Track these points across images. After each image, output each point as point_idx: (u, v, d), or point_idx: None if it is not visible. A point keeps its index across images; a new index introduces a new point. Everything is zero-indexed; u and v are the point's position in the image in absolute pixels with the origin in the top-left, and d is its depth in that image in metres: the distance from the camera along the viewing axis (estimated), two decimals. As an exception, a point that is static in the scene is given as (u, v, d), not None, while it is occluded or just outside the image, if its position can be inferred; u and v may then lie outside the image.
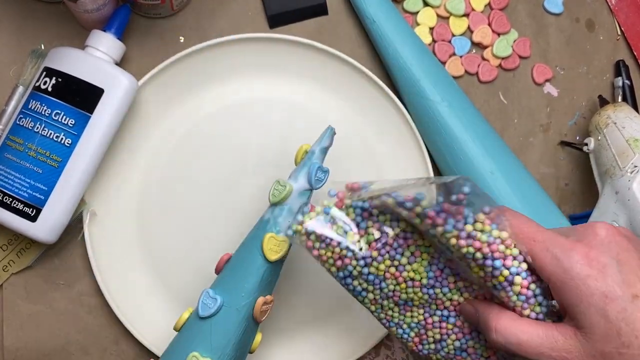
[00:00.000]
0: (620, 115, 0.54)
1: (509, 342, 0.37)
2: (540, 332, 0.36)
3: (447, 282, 0.41)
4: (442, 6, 0.59)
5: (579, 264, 0.34)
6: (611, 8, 0.61)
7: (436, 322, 0.42)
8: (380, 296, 0.42)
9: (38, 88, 0.49)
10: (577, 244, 0.35)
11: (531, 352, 0.36)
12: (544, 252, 0.36)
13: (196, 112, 0.55)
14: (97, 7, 0.49)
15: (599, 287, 0.34)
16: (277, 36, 0.54)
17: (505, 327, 0.37)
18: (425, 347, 0.43)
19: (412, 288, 0.41)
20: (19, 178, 0.48)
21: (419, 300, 0.41)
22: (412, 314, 0.42)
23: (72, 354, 0.54)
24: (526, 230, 0.37)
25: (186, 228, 0.55)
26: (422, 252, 0.40)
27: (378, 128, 0.56)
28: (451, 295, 0.41)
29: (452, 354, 0.43)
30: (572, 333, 0.35)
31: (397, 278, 0.41)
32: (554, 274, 0.35)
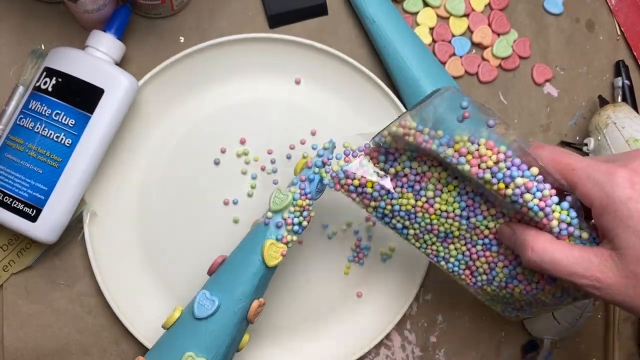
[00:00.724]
0: (620, 116, 0.54)
1: (544, 261, 0.38)
2: (576, 253, 0.37)
3: (480, 210, 0.42)
4: (442, 6, 0.59)
5: (620, 187, 0.35)
6: (611, 8, 0.61)
7: (480, 252, 0.44)
8: (420, 231, 0.44)
9: (38, 88, 0.49)
10: (620, 168, 0.36)
11: (565, 272, 0.37)
12: (585, 179, 0.37)
13: (196, 112, 0.55)
14: (97, 7, 0.49)
15: (639, 209, 0.35)
16: (277, 36, 0.54)
17: (542, 247, 0.38)
18: (479, 279, 0.45)
19: (446, 219, 0.43)
20: (19, 178, 0.48)
21: (457, 231, 0.43)
22: (455, 245, 0.44)
23: (72, 354, 0.54)
24: (564, 160, 0.38)
25: (186, 228, 0.55)
26: (448, 183, 0.42)
27: (378, 128, 0.56)
28: (487, 222, 0.42)
29: (504, 282, 0.44)
30: (607, 255, 0.36)
31: (428, 210, 0.43)
32: (596, 198, 0.36)
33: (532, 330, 0.57)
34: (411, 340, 0.57)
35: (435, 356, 0.58)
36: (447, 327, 0.57)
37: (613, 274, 0.36)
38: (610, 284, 0.36)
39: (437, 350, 0.57)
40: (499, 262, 0.44)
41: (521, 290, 0.44)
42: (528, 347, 0.58)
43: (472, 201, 0.42)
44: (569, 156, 0.38)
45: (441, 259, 0.46)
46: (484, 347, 0.58)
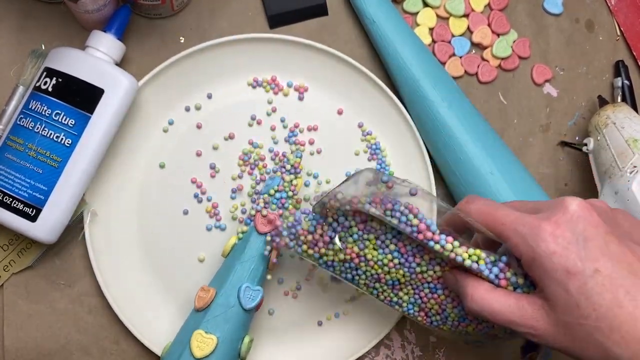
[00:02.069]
0: (619, 116, 0.54)
1: (483, 310, 0.40)
2: (512, 302, 0.39)
3: (414, 258, 0.44)
4: (441, 7, 0.59)
5: (545, 242, 0.37)
6: (611, 8, 0.61)
7: (428, 295, 0.46)
8: (368, 280, 0.46)
9: (38, 88, 0.49)
10: (544, 222, 0.37)
11: (503, 320, 0.39)
12: (513, 233, 0.38)
13: (196, 112, 0.55)
14: (97, 8, 0.49)
15: (562, 262, 0.36)
16: (277, 36, 0.54)
17: (480, 297, 0.40)
18: (434, 320, 0.47)
19: (387, 268, 0.45)
20: (19, 178, 0.48)
21: (402, 278, 0.45)
22: (404, 291, 0.46)
23: (72, 353, 0.54)
24: (492, 214, 0.40)
25: (186, 228, 0.55)
26: (379, 236, 0.44)
27: (378, 128, 0.56)
28: (425, 269, 0.44)
29: (456, 321, 0.46)
30: (539, 304, 0.38)
31: (369, 263, 0.45)
32: (523, 252, 0.38)
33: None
34: (411, 340, 0.57)
35: (435, 356, 0.58)
36: (446, 327, 0.58)
37: (546, 322, 0.37)
38: (544, 331, 0.38)
39: (437, 350, 0.57)
40: (448, 304, 0.46)
41: (474, 328, 0.46)
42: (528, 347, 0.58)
43: (405, 250, 0.44)
44: (497, 210, 0.40)
45: (395, 304, 0.48)
46: (483, 347, 0.58)
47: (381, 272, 0.45)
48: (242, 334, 0.49)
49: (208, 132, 0.55)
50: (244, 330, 0.50)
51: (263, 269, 0.50)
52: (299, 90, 0.56)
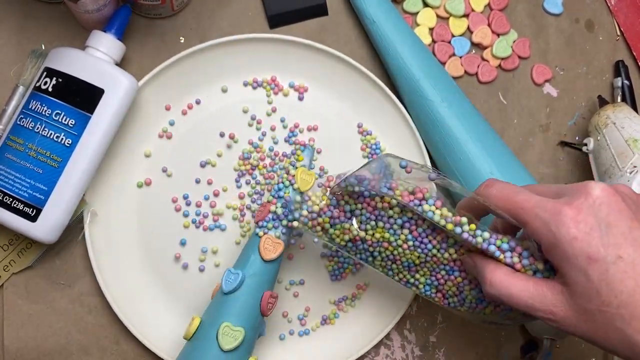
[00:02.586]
0: (619, 116, 0.54)
1: (502, 295, 0.39)
2: (531, 287, 0.38)
3: (429, 240, 0.44)
4: (441, 7, 0.59)
5: (566, 227, 0.36)
6: (610, 8, 0.61)
7: (445, 277, 0.46)
8: (384, 261, 0.47)
9: (38, 88, 0.49)
10: (566, 207, 0.36)
11: (521, 305, 0.39)
12: (533, 218, 0.38)
13: (196, 112, 0.55)
14: (97, 8, 0.49)
15: (584, 248, 0.35)
16: (277, 36, 0.54)
17: (499, 281, 0.40)
18: (451, 301, 0.47)
19: (402, 249, 0.45)
20: (19, 178, 0.48)
21: (417, 259, 0.45)
22: (420, 273, 0.46)
23: (72, 353, 0.54)
24: (512, 198, 0.39)
25: (186, 228, 0.55)
26: (395, 221, 0.45)
27: (378, 128, 0.56)
28: (440, 251, 0.44)
29: (474, 303, 0.46)
30: (559, 289, 0.37)
31: (383, 244, 0.45)
32: (544, 237, 0.37)
33: (532, 330, 0.57)
34: (411, 340, 0.57)
35: (435, 356, 0.58)
36: (447, 327, 0.58)
37: (565, 308, 0.37)
38: (564, 317, 0.37)
39: (437, 350, 0.58)
40: (466, 286, 0.46)
41: (491, 311, 0.46)
42: (528, 347, 0.58)
43: (418, 233, 0.44)
44: (517, 194, 0.39)
45: (411, 285, 0.48)
46: (483, 347, 0.58)
47: (396, 254, 0.45)
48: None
49: (208, 132, 0.55)
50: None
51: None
52: (299, 90, 0.56)
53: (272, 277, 0.50)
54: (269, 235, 0.49)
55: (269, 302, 0.49)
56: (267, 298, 0.48)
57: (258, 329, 0.50)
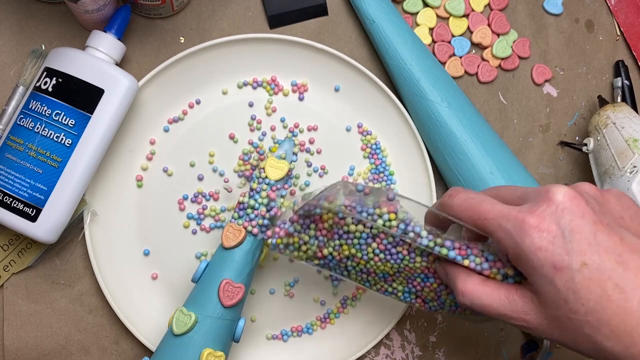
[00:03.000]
0: (619, 116, 0.54)
1: (474, 304, 0.39)
2: (502, 295, 0.38)
3: (397, 252, 0.44)
4: (441, 7, 0.59)
5: (530, 237, 0.36)
6: (610, 8, 0.61)
7: (421, 284, 0.46)
8: (358, 274, 0.47)
9: (38, 88, 0.49)
10: (528, 216, 0.36)
11: (494, 314, 0.39)
12: (497, 228, 0.37)
13: (196, 112, 0.55)
14: (97, 8, 0.49)
15: (549, 258, 0.35)
16: (277, 36, 0.54)
17: (470, 291, 0.39)
18: (431, 305, 0.47)
19: (373, 262, 0.45)
20: (19, 178, 0.48)
21: (391, 270, 0.45)
22: (397, 282, 0.47)
23: (72, 353, 0.54)
24: (477, 209, 0.39)
25: (186, 228, 0.55)
26: (360, 235, 0.45)
27: (378, 128, 0.56)
28: (409, 261, 0.44)
29: (453, 306, 0.46)
30: (529, 297, 0.37)
31: (354, 259, 0.46)
32: (509, 247, 0.37)
33: (532, 330, 0.57)
34: (411, 339, 0.57)
35: (435, 356, 0.58)
36: (446, 327, 0.58)
37: (537, 316, 0.37)
38: (536, 325, 0.37)
39: (437, 350, 0.58)
40: (442, 291, 0.46)
41: (472, 312, 0.46)
42: (528, 347, 0.58)
43: (384, 246, 0.44)
44: (480, 204, 0.39)
45: (390, 294, 0.48)
46: (483, 346, 0.58)
47: (369, 267, 0.46)
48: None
49: (208, 133, 0.55)
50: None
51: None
52: (299, 90, 0.56)
53: (236, 266, 0.49)
54: (232, 223, 0.49)
55: (226, 289, 0.48)
56: (223, 285, 0.48)
57: (224, 320, 0.48)
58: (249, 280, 0.50)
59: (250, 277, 0.50)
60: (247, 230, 0.49)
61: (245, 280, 0.49)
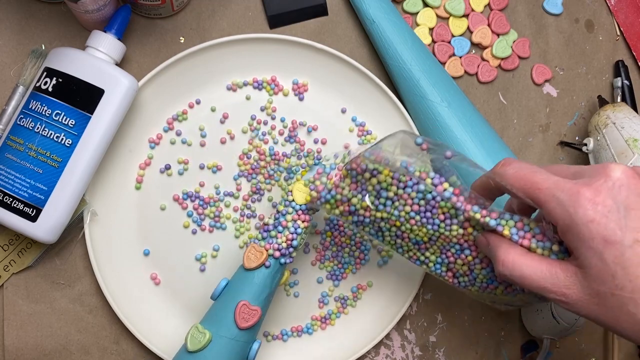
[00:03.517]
0: (619, 116, 0.54)
1: (514, 275, 0.39)
2: (544, 267, 0.38)
3: (432, 216, 0.44)
4: (441, 7, 0.59)
5: (583, 209, 0.35)
6: (610, 8, 0.61)
7: (455, 255, 0.45)
8: (391, 237, 0.46)
9: (38, 88, 0.49)
10: (584, 188, 0.36)
11: (534, 286, 0.38)
12: (550, 199, 0.37)
13: (196, 112, 0.55)
14: (97, 8, 0.49)
15: (600, 231, 0.35)
16: (277, 36, 0.54)
17: (512, 261, 0.39)
18: (461, 281, 0.47)
19: (408, 225, 0.44)
20: (19, 178, 0.48)
21: (425, 236, 0.45)
22: (430, 251, 0.46)
23: (72, 353, 0.54)
24: (530, 178, 0.38)
25: (186, 228, 0.55)
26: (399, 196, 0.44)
27: (378, 128, 0.56)
28: (445, 228, 0.44)
29: (485, 283, 0.45)
30: (573, 271, 0.37)
31: (388, 220, 0.45)
32: (560, 218, 0.36)
33: (532, 330, 0.57)
34: (411, 339, 0.57)
35: (435, 356, 0.58)
36: (446, 327, 0.58)
37: (578, 290, 0.37)
38: (576, 299, 0.37)
39: (437, 349, 0.58)
40: (477, 265, 0.45)
41: (502, 291, 0.45)
42: (528, 347, 0.58)
43: (419, 208, 0.44)
44: (534, 174, 0.38)
45: (421, 263, 0.47)
46: (483, 346, 0.58)
47: (404, 230, 0.45)
48: None
49: (208, 133, 0.55)
50: None
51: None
52: (299, 90, 0.56)
53: (254, 288, 0.48)
54: (255, 244, 0.49)
55: (243, 311, 0.47)
56: (240, 307, 0.47)
57: (238, 342, 0.47)
58: (267, 304, 0.49)
59: (268, 300, 0.49)
60: (269, 253, 0.48)
61: (262, 303, 0.48)
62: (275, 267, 0.49)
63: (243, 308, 0.47)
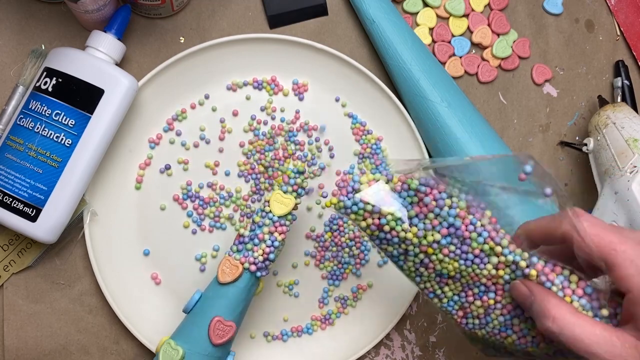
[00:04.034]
0: (619, 116, 0.54)
1: (563, 334, 0.35)
2: (598, 332, 0.35)
3: (468, 252, 0.41)
4: (441, 7, 0.59)
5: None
6: (610, 8, 0.61)
7: (476, 296, 0.42)
8: (415, 263, 0.43)
9: (38, 88, 0.49)
10: None
11: (584, 350, 0.35)
12: (627, 263, 0.34)
13: (196, 112, 0.55)
14: (97, 8, 0.49)
15: None
16: (277, 36, 0.54)
17: (563, 318, 0.36)
18: (470, 322, 0.44)
19: (440, 255, 0.41)
20: (19, 178, 0.48)
21: (452, 271, 0.42)
22: (450, 287, 0.43)
23: (72, 353, 0.54)
24: (605, 237, 0.35)
25: (186, 228, 0.55)
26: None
27: (378, 128, 0.56)
28: (482, 268, 0.41)
29: (497, 329, 0.43)
30: (632, 343, 0.34)
31: (422, 242, 0.41)
32: (635, 287, 0.34)
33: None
34: (411, 339, 0.57)
35: (435, 356, 0.58)
36: (446, 327, 0.58)
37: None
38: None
39: (437, 349, 0.58)
40: (496, 310, 0.42)
41: (514, 341, 0.42)
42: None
43: (461, 244, 0.41)
44: (611, 233, 0.35)
45: (434, 296, 0.44)
46: None
47: (434, 259, 0.42)
48: None
49: (208, 132, 0.55)
50: None
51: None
52: (299, 90, 0.56)
53: (229, 303, 0.47)
54: (230, 257, 0.47)
55: (217, 327, 0.46)
56: (214, 323, 0.46)
57: (212, 357, 0.47)
58: (241, 318, 0.48)
59: (242, 314, 0.48)
60: (245, 267, 0.47)
61: (237, 318, 0.47)
62: (251, 281, 0.48)
63: (217, 324, 0.46)
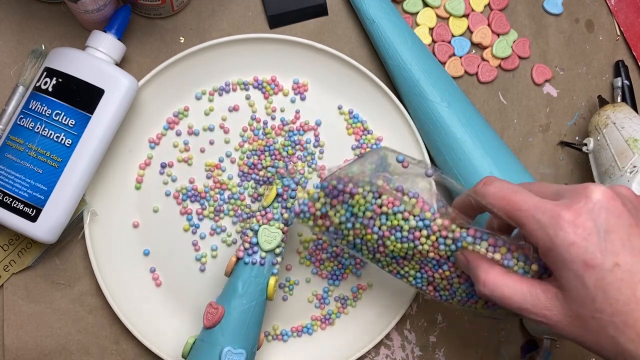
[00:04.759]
0: (619, 116, 0.54)
1: (494, 296, 0.39)
2: (525, 288, 0.38)
3: (402, 233, 0.43)
4: (441, 7, 0.59)
5: (564, 231, 0.35)
6: (610, 8, 0.61)
7: (432, 270, 0.45)
8: (369, 251, 0.46)
9: (38, 88, 0.49)
10: (564, 210, 0.36)
11: (515, 307, 0.38)
12: (531, 220, 0.37)
13: (196, 112, 0.55)
14: (97, 8, 0.49)
15: (580, 254, 0.35)
16: (277, 36, 0.54)
17: (492, 281, 0.39)
18: (442, 294, 0.46)
19: (381, 240, 0.44)
20: (19, 178, 0.48)
21: (400, 252, 0.44)
22: (409, 266, 0.46)
23: (72, 353, 0.54)
24: (511, 199, 0.38)
25: (186, 228, 0.55)
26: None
27: (378, 128, 0.56)
28: (417, 244, 0.43)
29: (465, 297, 0.45)
30: (553, 293, 0.37)
31: (365, 235, 0.44)
32: (540, 240, 0.36)
33: (532, 330, 0.57)
34: (411, 339, 0.57)
35: (435, 356, 0.58)
36: (446, 327, 0.58)
37: (559, 312, 0.37)
38: (557, 321, 0.37)
39: (437, 350, 0.58)
40: (454, 279, 0.45)
41: (482, 305, 0.45)
42: (528, 347, 0.58)
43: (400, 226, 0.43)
44: (515, 194, 0.38)
45: (402, 277, 0.47)
46: (483, 346, 0.58)
47: (379, 244, 0.44)
48: None
49: (208, 132, 0.55)
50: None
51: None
52: (299, 90, 0.56)
53: (224, 289, 0.50)
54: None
55: (208, 311, 0.48)
56: (207, 308, 0.49)
57: (204, 341, 0.48)
58: (239, 307, 0.49)
59: (239, 303, 0.49)
60: (237, 256, 0.49)
61: (228, 303, 0.49)
62: (246, 270, 0.49)
63: (208, 308, 0.49)
